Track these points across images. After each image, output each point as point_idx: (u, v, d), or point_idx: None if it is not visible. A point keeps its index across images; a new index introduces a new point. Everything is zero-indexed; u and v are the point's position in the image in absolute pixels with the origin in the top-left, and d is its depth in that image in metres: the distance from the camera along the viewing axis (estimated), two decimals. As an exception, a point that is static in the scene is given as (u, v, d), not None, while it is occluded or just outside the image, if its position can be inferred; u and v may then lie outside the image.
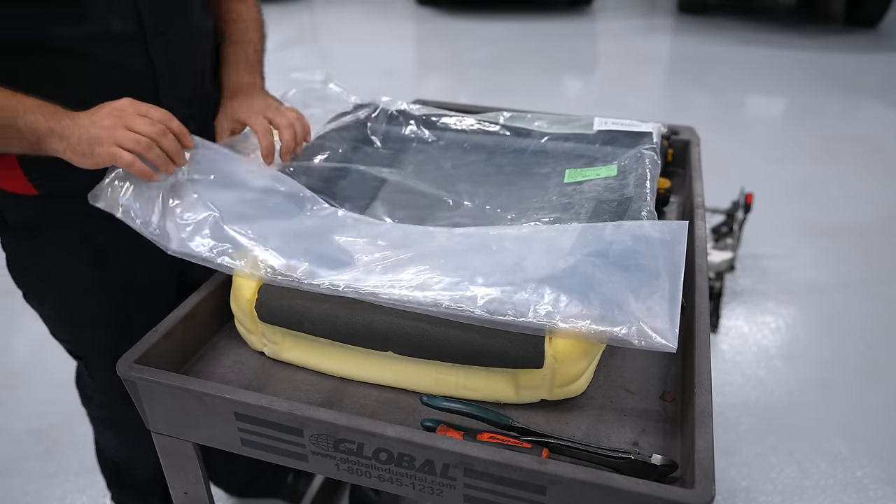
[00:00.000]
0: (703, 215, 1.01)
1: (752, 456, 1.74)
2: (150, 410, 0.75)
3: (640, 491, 0.58)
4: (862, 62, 5.01)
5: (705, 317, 0.78)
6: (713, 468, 0.59)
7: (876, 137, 3.74)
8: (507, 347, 0.70)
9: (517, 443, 0.66)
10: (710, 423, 0.63)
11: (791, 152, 3.56)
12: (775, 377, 2.01)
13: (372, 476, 0.68)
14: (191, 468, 0.79)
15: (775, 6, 6.77)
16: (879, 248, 2.67)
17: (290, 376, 0.80)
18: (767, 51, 5.28)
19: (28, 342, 2.18)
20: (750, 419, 1.85)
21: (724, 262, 2.24)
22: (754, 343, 2.16)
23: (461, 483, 0.64)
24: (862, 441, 1.77)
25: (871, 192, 3.10)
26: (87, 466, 1.72)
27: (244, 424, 0.71)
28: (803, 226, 2.82)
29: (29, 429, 1.83)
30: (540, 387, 0.73)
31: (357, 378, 0.79)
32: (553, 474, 0.60)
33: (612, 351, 0.82)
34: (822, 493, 1.63)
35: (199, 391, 0.70)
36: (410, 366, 0.76)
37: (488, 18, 6.25)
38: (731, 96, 4.37)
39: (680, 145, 1.25)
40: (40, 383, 1.99)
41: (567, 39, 5.71)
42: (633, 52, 5.38)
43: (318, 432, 0.67)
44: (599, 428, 0.72)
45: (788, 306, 2.34)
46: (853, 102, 4.34)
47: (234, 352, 0.84)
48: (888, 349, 2.12)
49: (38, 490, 1.66)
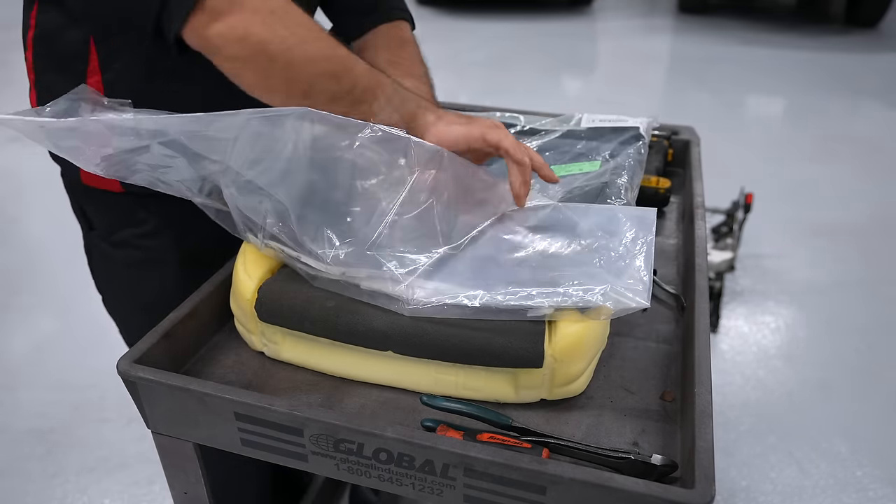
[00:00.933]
0: (703, 215, 1.01)
1: (752, 456, 1.74)
2: (150, 410, 0.75)
3: (640, 491, 0.58)
4: (862, 62, 5.01)
5: (705, 317, 0.78)
6: (713, 468, 0.59)
7: (876, 138, 3.74)
8: (507, 347, 0.71)
9: (517, 443, 0.66)
10: (710, 423, 0.63)
11: (791, 152, 3.56)
12: (775, 377, 2.01)
13: (372, 476, 0.68)
14: (191, 468, 0.79)
15: (775, 6, 6.77)
16: (879, 247, 2.67)
17: (290, 376, 0.80)
18: (768, 51, 5.29)
19: (29, 342, 2.18)
20: (750, 419, 1.85)
21: (724, 262, 2.24)
22: (754, 343, 2.16)
23: (461, 483, 0.64)
24: (862, 441, 1.77)
25: (872, 193, 3.11)
26: (88, 467, 1.72)
27: (244, 424, 0.71)
28: (803, 226, 2.82)
29: (29, 429, 1.84)
30: (540, 386, 0.73)
31: (357, 378, 0.79)
32: (553, 474, 0.60)
33: (612, 351, 0.82)
34: (821, 492, 1.63)
35: (199, 391, 0.70)
36: (410, 365, 0.76)
37: (488, 18, 6.25)
38: (731, 96, 4.37)
39: (680, 145, 1.26)
40: (41, 384, 1.99)
41: (567, 39, 5.72)
42: (633, 51, 5.38)
43: (318, 432, 0.67)
44: (599, 428, 0.72)
45: (788, 306, 2.34)
46: (853, 102, 4.34)
47: (234, 352, 0.84)
48: (888, 349, 2.12)
49: (39, 490, 1.66)
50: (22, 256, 2.68)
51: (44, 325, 2.25)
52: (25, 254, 2.71)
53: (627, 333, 0.86)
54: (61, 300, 2.32)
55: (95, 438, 1.81)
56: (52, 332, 2.21)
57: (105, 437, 1.81)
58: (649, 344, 0.84)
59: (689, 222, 1.03)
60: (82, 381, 1.97)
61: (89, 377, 1.98)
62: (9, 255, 2.70)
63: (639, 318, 0.89)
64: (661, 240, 1.09)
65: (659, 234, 1.11)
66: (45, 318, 2.28)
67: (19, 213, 3.01)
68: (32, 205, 2.99)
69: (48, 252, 2.62)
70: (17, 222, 2.95)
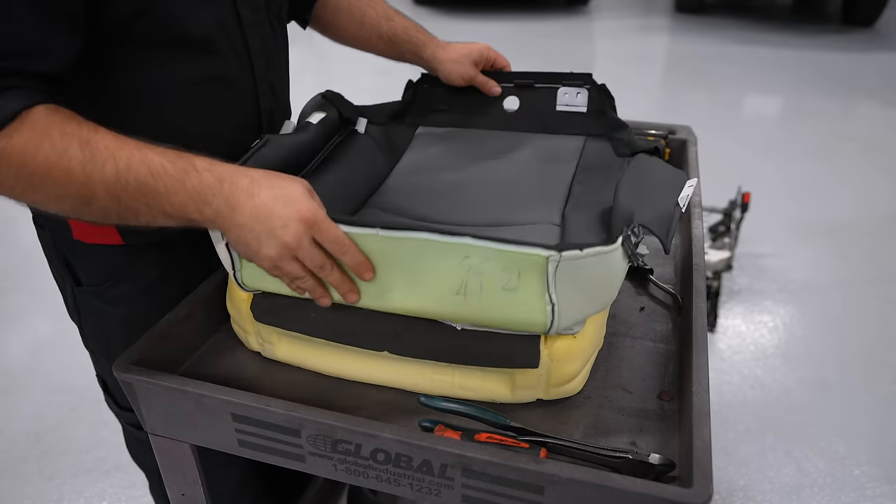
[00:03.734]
0: (700, 214, 1.01)
1: (750, 455, 1.74)
2: (148, 412, 0.75)
3: (638, 490, 0.58)
4: (858, 61, 5.02)
5: (703, 316, 0.78)
6: (711, 467, 0.59)
7: (872, 136, 3.75)
8: (503, 347, 0.70)
9: (515, 443, 0.66)
10: (707, 423, 0.63)
11: (788, 151, 3.56)
12: (773, 376, 2.01)
13: (370, 476, 0.68)
14: (188, 469, 0.79)
15: (772, 5, 6.78)
16: (877, 246, 2.68)
17: (287, 377, 0.80)
18: (764, 50, 5.29)
19: (25, 345, 2.17)
20: (748, 418, 1.85)
21: (721, 262, 2.25)
22: (752, 342, 2.16)
23: (459, 483, 0.64)
24: (859, 440, 1.77)
25: (868, 191, 3.11)
26: (84, 469, 1.72)
27: (241, 425, 0.70)
28: (801, 225, 2.82)
29: (26, 431, 1.83)
30: (536, 386, 0.73)
31: (353, 378, 0.79)
32: (551, 474, 0.60)
33: (609, 350, 0.82)
34: (819, 491, 1.64)
35: (196, 392, 0.70)
36: (406, 366, 0.76)
37: (485, 18, 6.25)
38: (727, 95, 4.38)
39: (677, 144, 1.26)
40: (37, 386, 1.98)
41: (564, 39, 5.72)
42: (630, 51, 5.38)
43: (316, 433, 0.67)
44: (597, 427, 0.72)
45: (786, 305, 2.34)
46: (850, 101, 4.35)
47: (231, 353, 0.84)
48: (885, 348, 2.12)
49: (36, 492, 1.66)
50: (18, 257, 2.68)
51: (40, 327, 2.24)
52: (21, 254, 2.70)
53: (625, 333, 0.86)
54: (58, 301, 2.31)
55: (92, 440, 1.80)
56: (49, 334, 2.21)
57: (102, 438, 1.80)
58: (647, 343, 0.84)
59: (687, 222, 1.03)
60: (79, 382, 1.96)
61: (86, 379, 1.97)
62: (5, 255, 2.69)
63: (636, 317, 0.90)
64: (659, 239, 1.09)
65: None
66: (41, 320, 2.27)
67: (15, 213, 2.99)
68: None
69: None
70: (13, 221, 2.94)
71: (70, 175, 0.65)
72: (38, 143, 0.64)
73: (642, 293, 0.95)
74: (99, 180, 0.65)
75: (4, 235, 2.85)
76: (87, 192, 0.66)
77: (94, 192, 0.66)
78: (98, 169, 0.65)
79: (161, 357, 0.77)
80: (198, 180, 0.67)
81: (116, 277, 0.91)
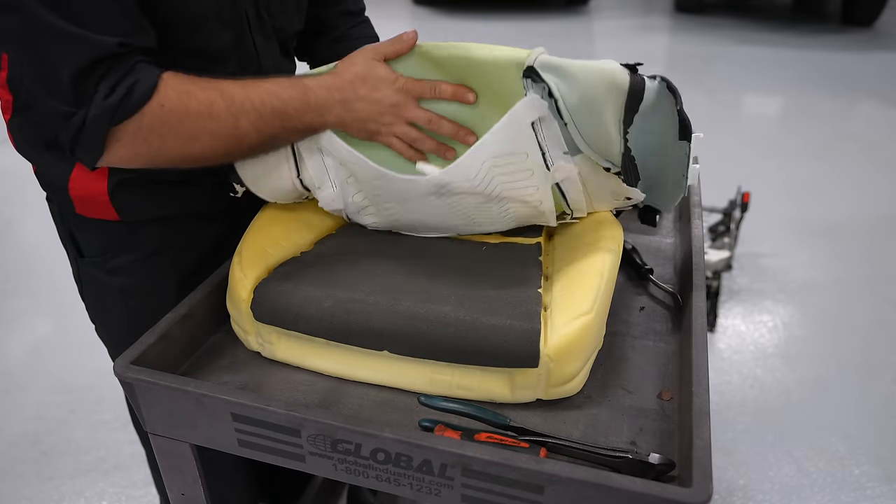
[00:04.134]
0: (700, 214, 1.01)
1: (750, 455, 1.74)
2: (147, 411, 0.75)
3: (637, 490, 0.58)
4: (858, 61, 5.02)
5: (702, 316, 0.78)
6: (711, 467, 0.59)
7: (872, 136, 3.75)
8: (503, 346, 0.70)
9: (515, 442, 0.66)
10: (707, 422, 0.63)
11: (788, 151, 3.57)
12: (773, 376, 2.01)
13: (370, 476, 0.68)
14: (188, 469, 0.79)
15: (772, 5, 6.79)
16: (876, 246, 2.68)
17: (286, 377, 0.80)
18: (764, 50, 5.30)
19: (24, 345, 2.17)
20: (747, 418, 1.85)
21: (721, 261, 2.25)
22: (752, 342, 2.16)
23: (459, 483, 0.64)
24: (859, 439, 1.77)
25: (868, 191, 3.11)
26: (83, 470, 1.72)
27: (241, 425, 0.70)
28: (800, 224, 2.82)
29: (25, 432, 1.83)
30: (535, 386, 0.73)
31: (353, 378, 0.79)
32: (551, 474, 0.60)
33: (609, 350, 0.82)
34: (819, 491, 1.64)
35: (195, 392, 0.70)
36: (406, 365, 0.76)
37: (484, 18, 6.25)
38: (727, 95, 4.38)
39: (677, 144, 1.25)
40: (36, 387, 1.98)
41: (564, 39, 5.72)
42: (630, 51, 5.38)
43: (316, 433, 0.67)
44: (597, 427, 0.72)
45: (786, 305, 2.34)
46: (850, 101, 4.35)
47: (231, 352, 0.84)
48: (885, 347, 2.12)
49: (35, 494, 1.66)
50: (17, 258, 2.68)
51: (39, 327, 2.24)
52: (21, 255, 2.70)
53: (625, 332, 0.86)
54: (57, 302, 2.32)
55: (92, 440, 1.80)
56: (48, 334, 2.21)
57: (101, 438, 1.80)
58: (647, 343, 0.84)
59: (686, 221, 1.03)
60: (78, 382, 1.96)
61: (85, 379, 1.98)
62: (4, 256, 2.69)
63: (636, 316, 0.90)
64: (658, 239, 1.10)
65: (656, 234, 1.11)
66: (40, 320, 2.27)
67: (14, 215, 3.00)
68: (28, 206, 2.99)
69: (44, 253, 2.62)
70: (13, 223, 2.95)
71: (221, 122, 0.76)
72: (187, 102, 0.74)
73: (642, 293, 0.95)
74: (244, 119, 0.76)
75: (4, 237, 2.85)
76: (237, 132, 0.77)
77: (242, 129, 0.77)
78: (241, 110, 0.76)
79: (161, 357, 0.77)
80: (314, 96, 0.80)
81: (116, 249, 0.95)
